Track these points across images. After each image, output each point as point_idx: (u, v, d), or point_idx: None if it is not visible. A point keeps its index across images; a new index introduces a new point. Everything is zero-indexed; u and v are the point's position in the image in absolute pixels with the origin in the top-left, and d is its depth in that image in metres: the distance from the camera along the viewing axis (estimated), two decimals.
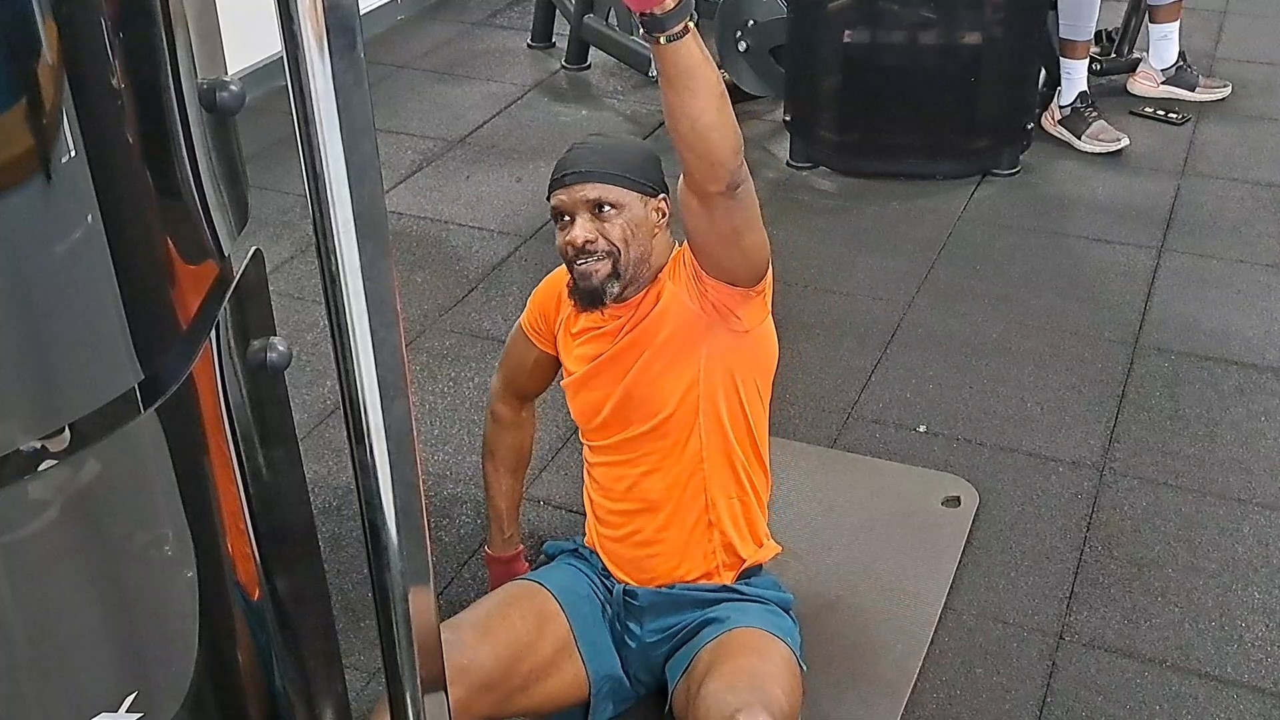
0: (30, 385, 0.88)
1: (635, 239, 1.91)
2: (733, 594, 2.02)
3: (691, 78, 1.64)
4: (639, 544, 2.03)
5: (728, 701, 1.77)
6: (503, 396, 2.26)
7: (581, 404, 2.05)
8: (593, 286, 1.92)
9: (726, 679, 1.83)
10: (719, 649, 1.91)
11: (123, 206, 0.90)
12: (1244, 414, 2.89)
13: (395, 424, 1.07)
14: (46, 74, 0.83)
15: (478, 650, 1.87)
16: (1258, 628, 2.33)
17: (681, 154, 1.72)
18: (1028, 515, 2.61)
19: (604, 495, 2.06)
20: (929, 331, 3.21)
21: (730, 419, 1.97)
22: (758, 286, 1.91)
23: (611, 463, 2.04)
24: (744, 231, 1.82)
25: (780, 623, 1.99)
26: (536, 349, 2.15)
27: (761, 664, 1.88)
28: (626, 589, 2.03)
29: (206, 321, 1.01)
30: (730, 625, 1.94)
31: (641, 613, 2.02)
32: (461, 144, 4.23)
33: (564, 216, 1.93)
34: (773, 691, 1.82)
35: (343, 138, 0.95)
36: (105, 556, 0.98)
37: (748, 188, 1.77)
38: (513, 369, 2.24)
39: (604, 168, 1.92)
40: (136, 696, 1.00)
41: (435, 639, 1.21)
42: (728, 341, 1.93)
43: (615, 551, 2.05)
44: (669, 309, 1.93)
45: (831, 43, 3.88)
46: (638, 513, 2.02)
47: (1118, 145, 4.02)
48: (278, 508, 1.19)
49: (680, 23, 1.59)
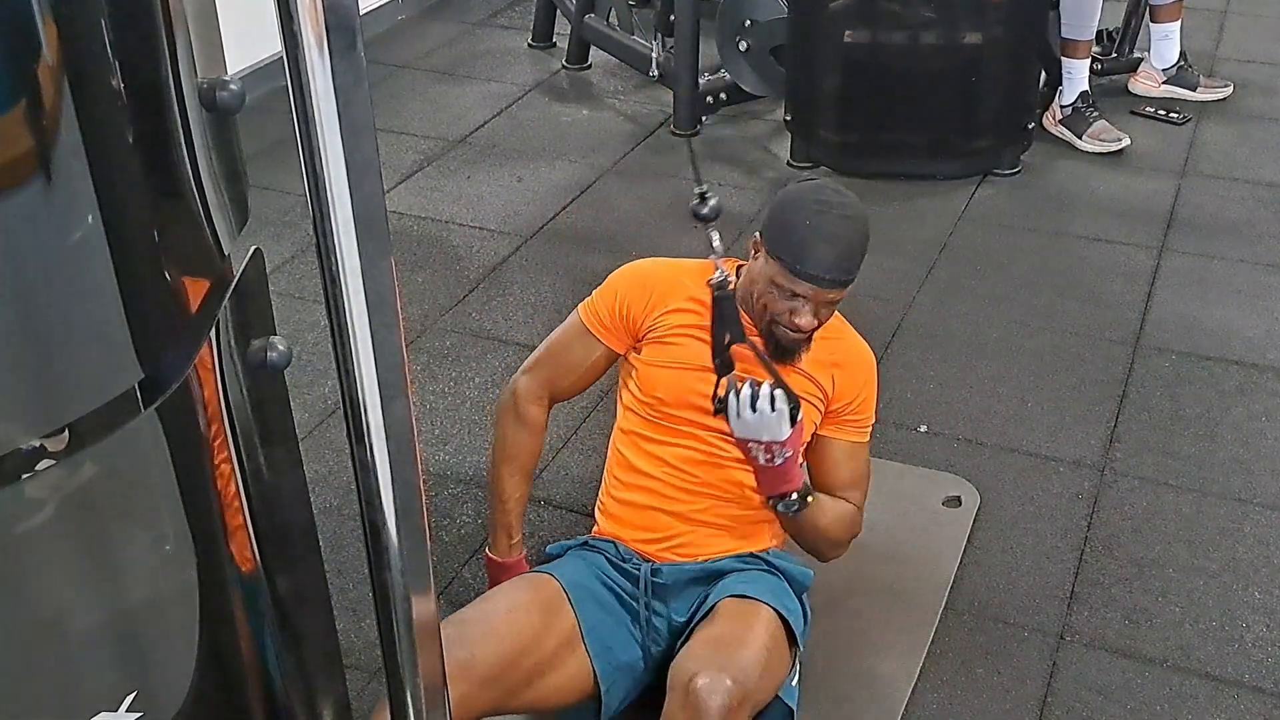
0: (30, 384, 0.88)
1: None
2: (751, 562, 2.07)
3: (812, 535, 2.07)
4: (699, 522, 2.07)
5: (687, 668, 1.81)
6: (537, 397, 2.20)
7: (675, 387, 2.06)
8: (793, 350, 2.04)
9: (696, 647, 1.87)
10: (706, 619, 1.95)
11: (123, 206, 0.90)
12: (1245, 414, 2.88)
13: (395, 424, 1.07)
14: (46, 74, 0.83)
15: (481, 645, 1.86)
16: (1258, 628, 2.33)
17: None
18: (1028, 515, 2.61)
19: (671, 473, 2.07)
20: (930, 331, 3.21)
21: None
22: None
23: (675, 445, 2.07)
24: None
25: (782, 596, 2.01)
26: (602, 346, 2.14)
27: (741, 632, 1.91)
28: (653, 568, 2.04)
29: (206, 321, 1.01)
30: (725, 594, 1.98)
31: (668, 592, 2.03)
32: (462, 144, 4.23)
33: (796, 297, 1.97)
34: (742, 656, 1.84)
35: (343, 138, 0.95)
36: (105, 556, 0.98)
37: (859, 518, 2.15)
38: (562, 368, 2.19)
39: (848, 274, 1.98)
40: (136, 696, 1.00)
41: (435, 639, 1.21)
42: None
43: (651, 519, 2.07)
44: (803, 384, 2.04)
45: (832, 42, 3.87)
46: (695, 494, 2.06)
47: (1119, 145, 4.02)
48: (278, 507, 1.19)
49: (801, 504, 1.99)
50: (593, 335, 2.14)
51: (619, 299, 2.13)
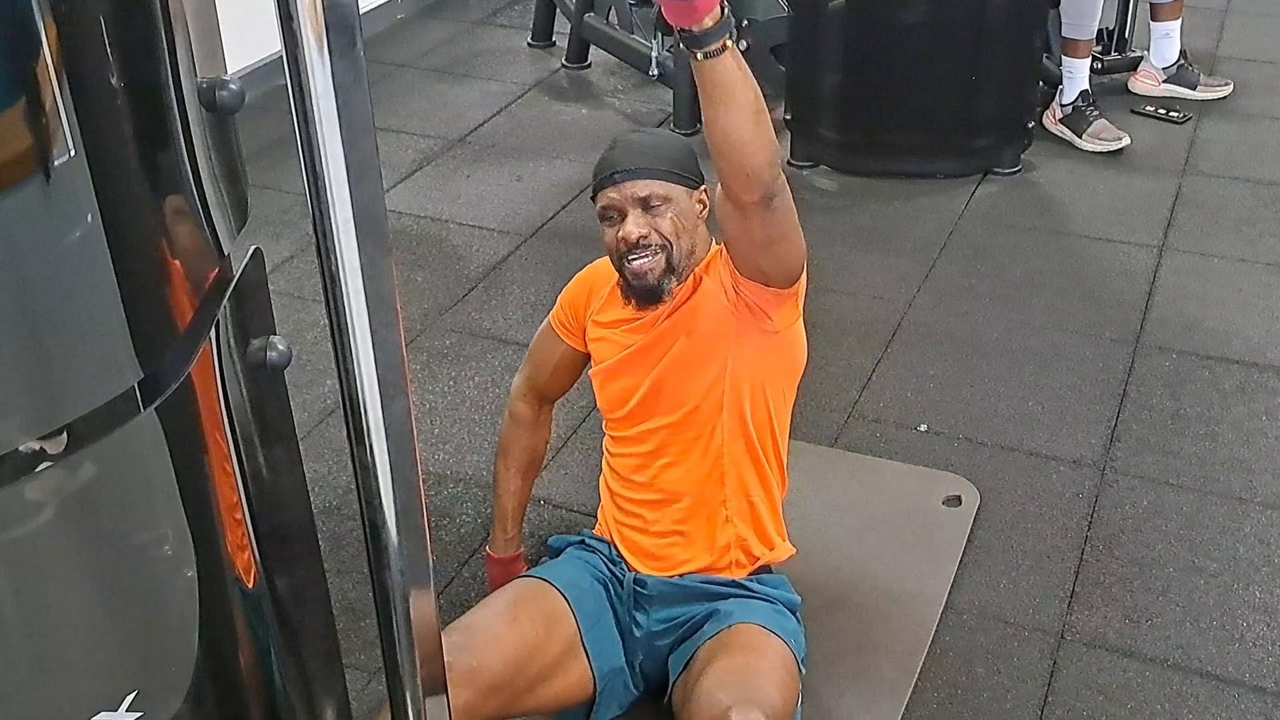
0: (29, 385, 0.88)
1: (684, 231, 1.95)
2: (741, 590, 2.02)
3: (728, 93, 1.67)
4: (657, 534, 2.04)
5: (720, 699, 1.78)
6: (524, 396, 2.27)
7: (610, 393, 2.06)
8: (650, 285, 1.95)
9: (721, 675, 1.84)
10: (718, 645, 1.92)
11: (122, 206, 0.90)
12: (1245, 413, 2.88)
13: (395, 423, 1.07)
14: (45, 73, 0.83)
15: (486, 653, 1.87)
16: (1259, 627, 2.33)
17: (718, 165, 1.74)
18: (1029, 514, 2.61)
19: (624, 485, 2.07)
20: (930, 330, 3.20)
21: (754, 417, 1.99)
22: (791, 289, 1.93)
23: (634, 453, 2.05)
24: (778, 240, 1.84)
25: (785, 623, 1.99)
26: (564, 345, 2.16)
27: (759, 662, 1.89)
28: (637, 578, 2.03)
29: (206, 321, 1.01)
30: (732, 621, 1.95)
31: (650, 601, 2.02)
32: (462, 143, 4.23)
33: (614, 214, 1.95)
34: (767, 690, 1.83)
35: (342, 137, 0.95)
36: (105, 556, 0.98)
37: (784, 199, 1.79)
38: (538, 367, 2.24)
39: (651, 164, 1.95)
40: (136, 695, 1.00)
41: (435, 639, 1.21)
42: (758, 341, 1.96)
43: (631, 539, 2.06)
44: (703, 304, 1.95)
45: (832, 41, 3.87)
46: (658, 503, 2.03)
47: (1119, 144, 4.02)
48: (278, 507, 1.19)
49: (719, 41, 1.62)
50: (558, 335, 2.17)
51: (568, 298, 2.17)
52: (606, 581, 2.05)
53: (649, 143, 2.02)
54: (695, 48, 1.63)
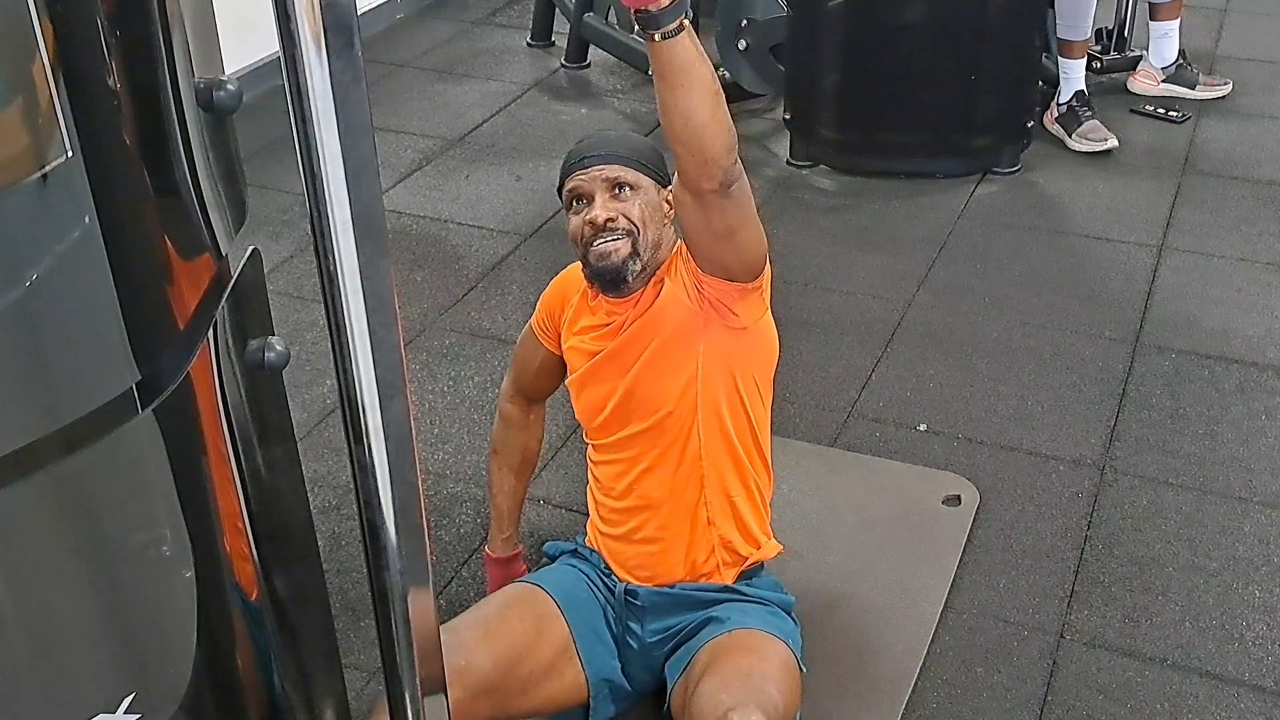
0: (27, 385, 0.88)
1: (651, 221, 1.94)
2: (734, 594, 2.02)
3: (685, 75, 1.63)
4: (640, 542, 2.03)
5: (722, 700, 1.77)
6: (511, 397, 2.28)
7: (584, 401, 2.06)
8: (614, 265, 1.93)
9: (722, 678, 1.84)
10: (717, 649, 1.91)
11: (119, 206, 0.90)
12: (1245, 412, 2.88)
13: (394, 424, 1.07)
14: (42, 73, 0.82)
15: (476, 653, 1.86)
16: (1259, 626, 2.33)
17: (675, 151, 1.72)
18: (1028, 514, 2.60)
19: (605, 494, 2.07)
20: (929, 330, 3.20)
21: (730, 416, 1.98)
22: (754, 282, 1.91)
23: (613, 461, 2.04)
24: (739, 229, 1.82)
25: (781, 624, 1.99)
26: (544, 349, 2.16)
27: (759, 664, 1.89)
28: (628, 588, 2.03)
29: (204, 321, 1.01)
30: (730, 626, 1.94)
31: (643, 613, 2.02)
32: (461, 143, 4.23)
33: (581, 199, 1.95)
34: (769, 691, 1.82)
35: (341, 137, 0.95)
36: (103, 557, 0.98)
37: (742, 186, 1.77)
38: (521, 369, 2.24)
39: (621, 152, 1.96)
40: (134, 697, 1.00)
41: (435, 639, 1.21)
42: (726, 338, 1.94)
43: (617, 550, 2.05)
44: (668, 306, 1.94)
45: (831, 41, 3.87)
46: (638, 510, 2.02)
47: (1105, 145, 4.01)
48: (276, 508, 1.19)
49: (675, 20, 1.59)
50: (538, 340, 2.17)
51: (545, 303, 2.17)
52: (599, 592, 2.05)
53: (619, 136, 2.05)
54: (653, 28, 1.59)
